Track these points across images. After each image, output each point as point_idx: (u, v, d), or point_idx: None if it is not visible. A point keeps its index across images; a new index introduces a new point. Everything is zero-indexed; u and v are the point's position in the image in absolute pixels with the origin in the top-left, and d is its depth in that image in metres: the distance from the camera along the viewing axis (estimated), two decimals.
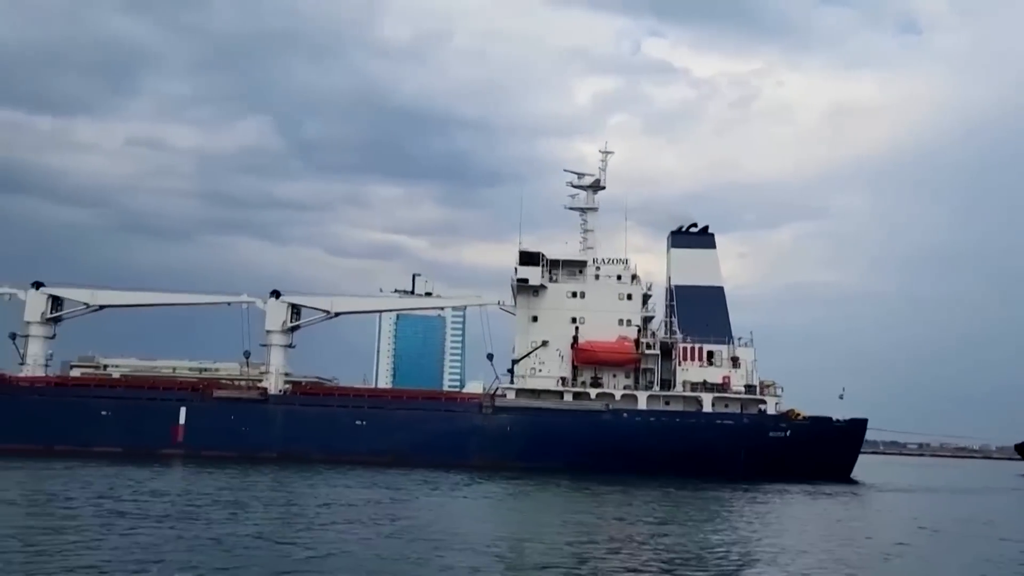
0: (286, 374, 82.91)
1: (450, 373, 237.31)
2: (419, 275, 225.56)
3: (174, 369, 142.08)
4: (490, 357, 79.31)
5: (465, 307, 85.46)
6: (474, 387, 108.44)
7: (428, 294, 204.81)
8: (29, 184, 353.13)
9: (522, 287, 79.14)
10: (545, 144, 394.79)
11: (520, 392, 77.39)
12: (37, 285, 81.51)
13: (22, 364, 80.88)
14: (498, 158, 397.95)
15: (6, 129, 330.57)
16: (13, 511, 37.40)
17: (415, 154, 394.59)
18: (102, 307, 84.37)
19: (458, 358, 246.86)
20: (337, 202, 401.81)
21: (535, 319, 79.47)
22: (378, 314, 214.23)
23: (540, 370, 78.18)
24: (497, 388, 78.01)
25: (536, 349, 78.29)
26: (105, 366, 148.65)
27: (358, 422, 75.81)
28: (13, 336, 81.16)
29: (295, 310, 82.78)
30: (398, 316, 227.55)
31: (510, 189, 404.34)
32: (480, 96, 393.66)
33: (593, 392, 76.69)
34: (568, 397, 76.85)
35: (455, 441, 74.29)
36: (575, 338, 77.95)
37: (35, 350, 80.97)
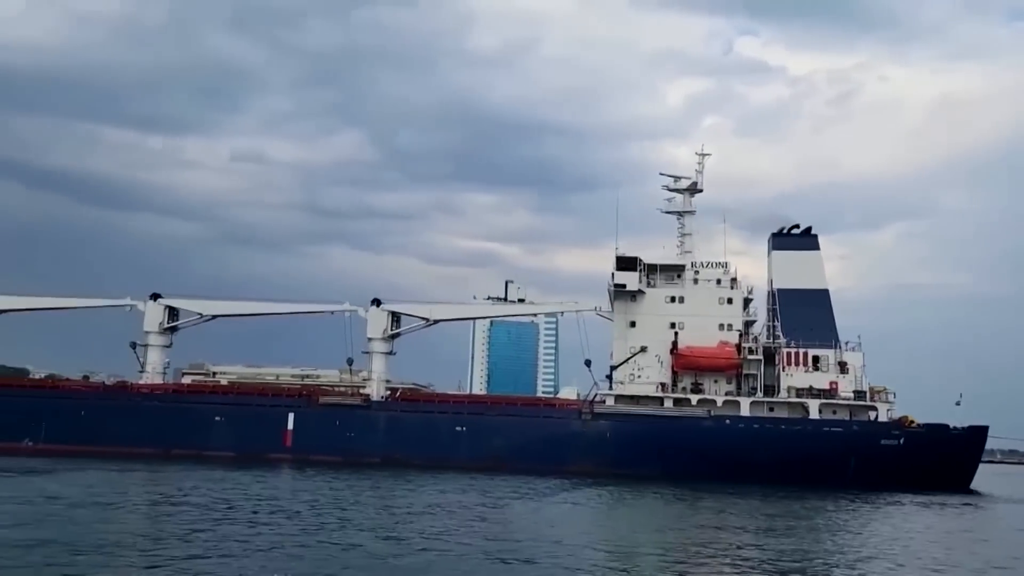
0: (387, 381, 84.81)
1: (543, 379, 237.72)
2: (511, 282, 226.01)
3: (278, 376, 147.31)
4: (588, 363, 79.08)
5: (562, 313, 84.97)
6: (568, 393, 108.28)
7: (520, 300, 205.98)
8: (144, 201, 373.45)
9: (619, 292, 78.61)
10: (636, 148, 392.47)
11: (619, 398, 76.86)
12: (155, 297, 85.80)
13: (142, 372, 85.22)
14: (589, 164, 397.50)
15: (122, 149, 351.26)
16: (163, 511, 39.53)
17: (506, 162, 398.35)
18: (214, 317, 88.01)
19: (551, 364, 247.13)
20: (431, 211, 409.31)
21: (633, 324, 78.80)
22: (472, 321, 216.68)
23: (639, 376, 77.43)
24: (596, 394, 77.67)
25: (635, 355, 77.58)
26: (214, 373, 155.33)
27: (458, 428, 76.75)
28: (134, 345, 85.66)
29: (395, 318, 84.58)
30: (492, 323, 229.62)
31: (601, 195, 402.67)
32: (570, 102, 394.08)
33: (694, 398, 75.41)
34: (668, 403, 75.80)
35: (554, 447, 74.30)
36: (674, 343, 76.90)
37: (153, 359, 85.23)
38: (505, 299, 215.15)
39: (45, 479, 53.59)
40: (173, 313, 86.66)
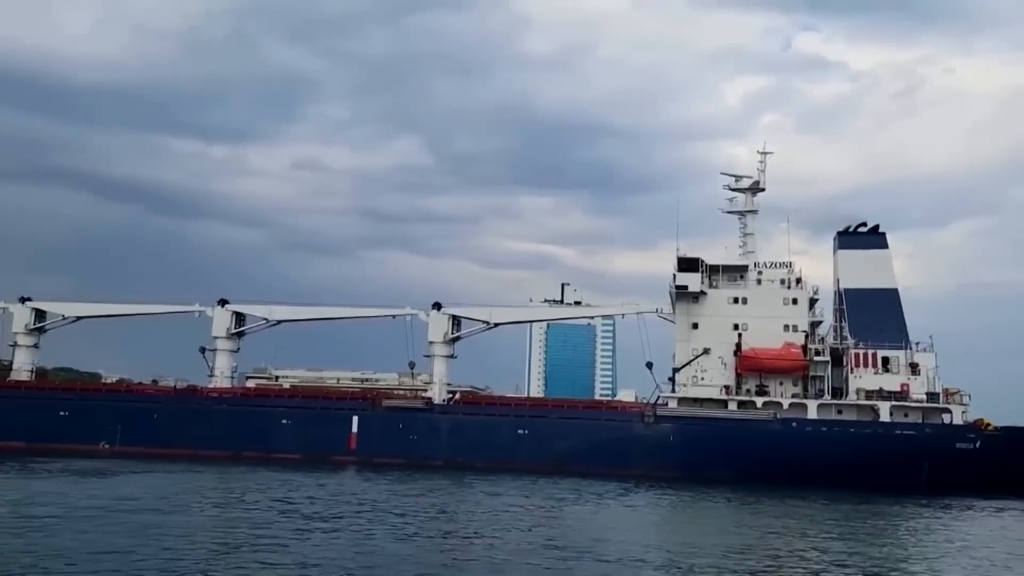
0: (447, 384, 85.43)
1: (601, 382, 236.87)
2: (568, 284, 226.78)
3: (338, 380, 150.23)
4: (649, 366, 78.46)
5: (623, 315, 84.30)
6: (626, 395, 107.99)
7: (577, 303, 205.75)
8: (209, 209, 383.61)
9: (681, 294, 77.86)
10: (693, 149, 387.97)
11: (682, 401, 76.08)
12: (223, 302, 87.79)
13: (211, 376, 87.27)
14: (645, 165, 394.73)
15: (188, 159, 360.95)
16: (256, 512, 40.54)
17: (562, 164, 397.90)
18: (279, 322, 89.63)
19: (609, 367, 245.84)
20: (487, 214, 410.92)
21: (695, 326, 77.94)
22: (529, 324, 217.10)
23: (702, 378, 76.53)
24: (658, 397, 77.05)
25: (697, 357, 76.71)
26: (276, 377, 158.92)
27: (520, 431, 76.89)
28: (203, 350, 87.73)
29: (455, 321, 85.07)
30: (548, 325, 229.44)
31: (657, 196, 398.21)
32: (626, 103, 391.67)
33: (759, 401, 74.21)
34: (732, 406, 74.76)
35: (616, 450, 73.92)
36: (738, 345, 75.82)
37: (222, 363, 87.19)
38: (561, 302, 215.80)
39: (122, 480, 55.38)
40: (240, 318, 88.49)
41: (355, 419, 79.54)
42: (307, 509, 42.04)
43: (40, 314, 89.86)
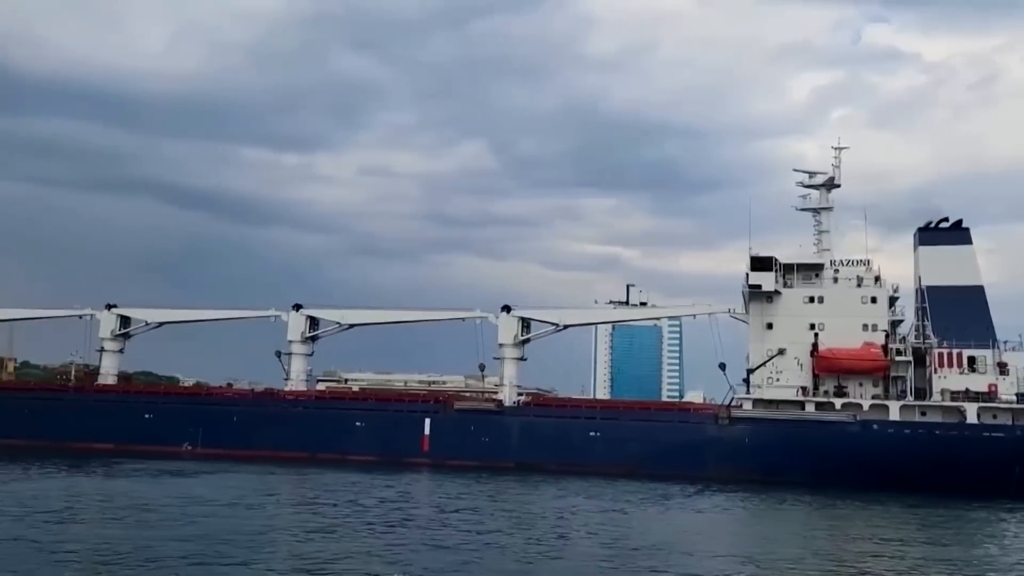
0: (518, 386, 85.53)
1: (668, 383, 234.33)
2: (633, 285, 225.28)
3: (406, 382, 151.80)
4: (722, 367, 77.16)
5: (694, 316, 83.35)
6: (694, 397, 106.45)
7: (642, 304, 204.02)
8: (280, 215, 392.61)
9: (754, 293, 76.47)
10: (759, 146, 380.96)
11: (757, 402, 74.69)
12: (297, 307, 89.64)
13: (286, 380, 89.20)
14: (710, 164, 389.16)
15: (259, 167, 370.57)
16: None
17: (626, 165, 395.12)
18: (352, 326, 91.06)
19: (676, 368, 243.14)
20: (552, 216, 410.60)
21: (770, 326, 76.44)
22: (594, 326, 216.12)
23: (777, 379, 75.03)
24: (732, 398, 75.82)
25: (772, 358, 75.24)
26: (346, 380, 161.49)
27: (592, 433, 76.55)
28: (279, 354, 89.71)
29: (525, 324, 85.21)
30: (614, 327, 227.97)
31: (722, 195, 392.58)
32: (690, 102, 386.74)
33: (838, 402, 72.32)
34: (810, 407, 73.04)
35: (690, 452, 72.96)
36: (815, 345, 74.08)
37: (297, 366, 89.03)
38: (627, 303, 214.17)
39: (210, 479, 57.07)
40: (314, 323, 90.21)
41: (427, 421, 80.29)
42: (379, 510, 42.73)
43: (125, 320, 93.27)
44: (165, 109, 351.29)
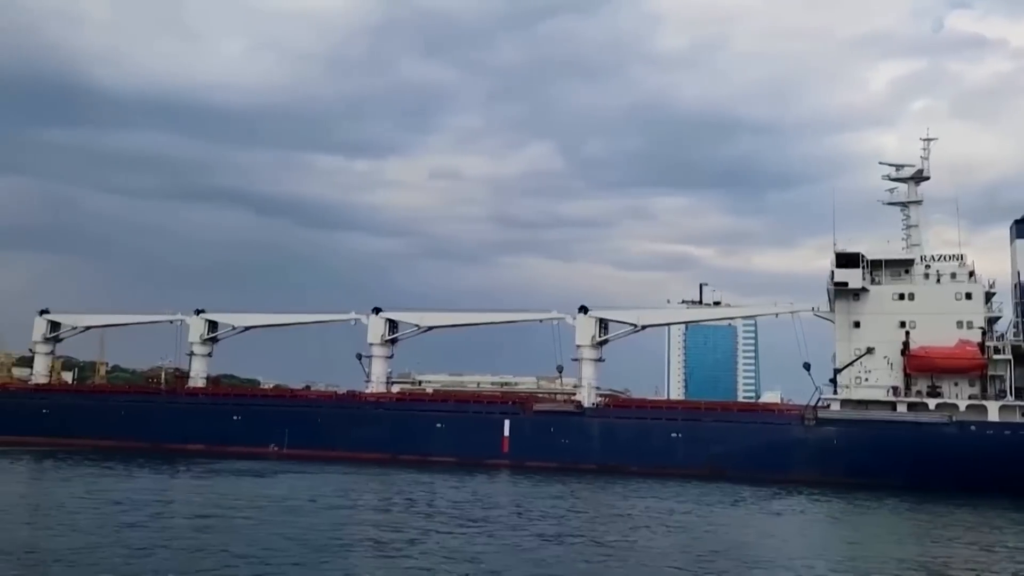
0: (596, 388, 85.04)
1: (744, 383, 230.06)
2: (706, 284, 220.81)
3: (478, 384, 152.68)
4: (807, 367, 75.30)
5: (776, 315, 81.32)
6: (771, 397, 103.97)
7: (716, 303, 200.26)
8: (352, 220, 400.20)
9: (840, 291, 74.34)
10: (836, 140, 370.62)
11: (845, 403, 72.60)
12: (376, 310, 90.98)
13: (367, 382, 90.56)
14: (785, 160, 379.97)
15: (332, 174, 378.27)
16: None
17: (698, 162, 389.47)
18: (430, 328, 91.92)
19: (751, 367, 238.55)
20: (621, 216, 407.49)
21: (857, 325, 74.21)
22: (667, 326, 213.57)
23: (866, 379, 72.82)
24: (819, 399, 73.88)
25: (860, 357, 73.05)
26: (419, 381, 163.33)
27: (673, 434, 75.59)
28: (359, 356, 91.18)
29: (603, 324, 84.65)
30: (687, 327, 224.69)
31: (797, 192, 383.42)
32: (763, 97, 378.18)
33: (931, 402, 69.74)
34: (902, 408, 70.63)
35: (775, 454, 71.40)
36: (905, 344, 71.59)
37: (378, 369, 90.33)
38: (700, 302, 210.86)
39: (303, 479, 58.34)
40: (393, 325, 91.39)
41: (506, 423, 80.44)
42: (457, 511, 42.99)
43: (212, 325, 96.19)
44: (242, 120, 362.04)
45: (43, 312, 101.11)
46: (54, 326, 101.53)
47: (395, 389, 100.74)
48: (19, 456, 72.73)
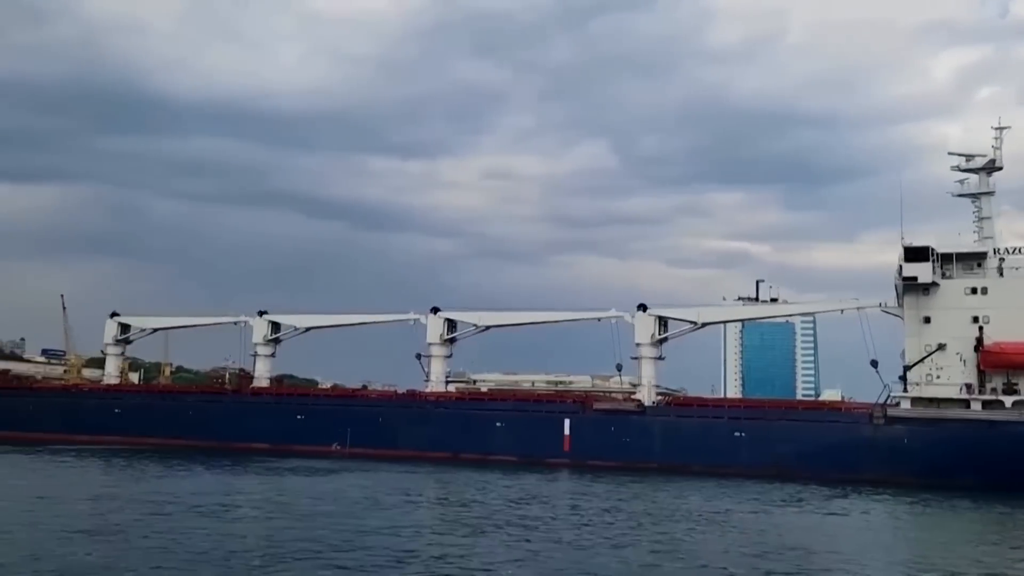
0: (656, 386, 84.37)
1: (803, 381, 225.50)
2: (762, 281, 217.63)
3: (533, 383, 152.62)
4: (874, 364, 73.73)
5: (840, 311, 79.49)
6: (831, 395, 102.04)
7: (773, 300, 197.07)
8: (406, 221, 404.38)
9: (909, 286, 72.39)
10: (897, 131, 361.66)
11: (915, 401, 70.75)
12: (435, 310, 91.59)
13: (427, 381, 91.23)
14: (843, 153, 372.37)
15: (386, 176, 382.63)
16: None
17: (754, 157, 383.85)
18: (488, 327, 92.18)
19: (810, 365, 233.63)
20: (675, 214, 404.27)
21: (927, 320, 72.23)
22: (723, 324, 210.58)
23: (937, 376, 70.84)
24: (888, 397, 72.10)
25: (931, 354, 71.08)
26: (474, 381, 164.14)
27: (737, 433, 74.52)
28: (419, 356, 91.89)
29: (662, 322, 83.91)
30: (744, 324, 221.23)
31: (858, 185, 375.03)
32: (821, 90, 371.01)
33: (1008, 400, 67.55)
34: (976, 406, 68.54)
35: (843, 454, 69.90)
36: (979, 340, 69.42)
37: (437, 368, 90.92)
38: (756, 299, 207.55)
39: (382, 478, 59.05)
40: (451, 325, 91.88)
41: (566, 422, 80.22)
42: (519, 510, 42.98)
43: (275, 326, 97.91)
44: (299, 124, 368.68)
45: (114, 315, 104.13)
46: (124, 328, 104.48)
47: (451, 388, 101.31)
48: (112, 456, 74.68)
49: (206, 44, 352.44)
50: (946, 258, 73.04)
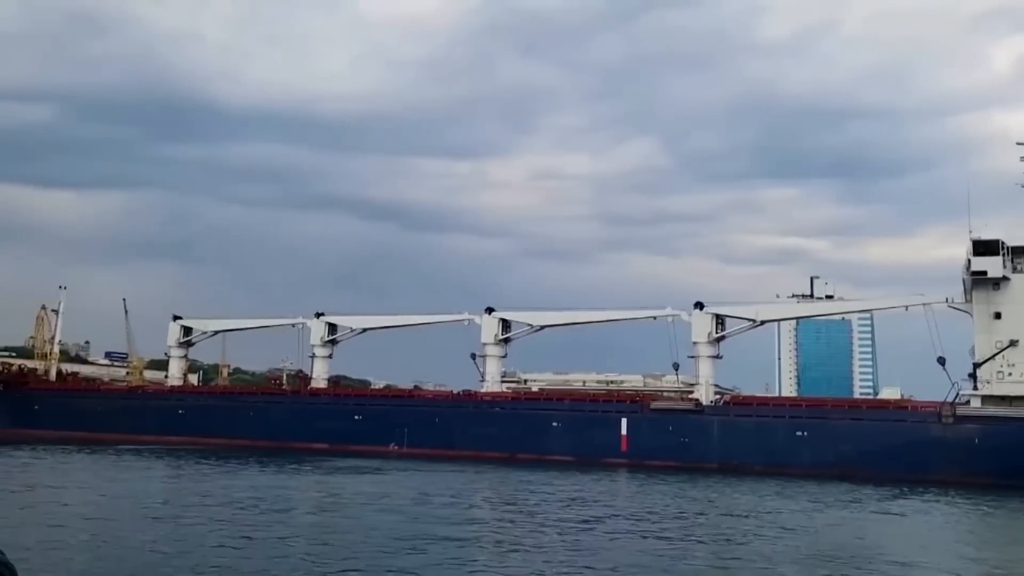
0: (715, 385, 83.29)
1: (861, 379, 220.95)
2: (817, 277, 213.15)
3: (584, 382, 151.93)
4: (941, 361, 71.73)
5: (905, 307, 77.54)
6: (890, 393, 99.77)
7: (829, 297, 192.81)
8: (456, 222, 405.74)
9: (978, 281, 70.27)
10: (957, 122, 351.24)
11: (986, 399, 68.70)
12: (489, 310, 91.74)
13: (482, 381, 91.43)
14: (900, 146, 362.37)
15: (436, 177, 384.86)
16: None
17: (808, 152, 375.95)
18: (542, 327, 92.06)
19: (868, 363, 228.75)
20: (728, 210, 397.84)
21: (998, 316, 70.03)
22: (777, 322, 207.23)
23: (1010, 374, 68.65)
24: (957, 395, 70.12)
25: (1003, 350, 68.90)
26: (525, 380, 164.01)
27: (798, 433, 73.19)
28: (473, 356, 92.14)
29: (719, 320, 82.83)
30: (798, 322, 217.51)
31: (916, 178, 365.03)
32: (876, 82, 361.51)
33: None
34: None
35: (910, 453, 68.14)
36: None
37: (492, 368, 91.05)
38: (811, 296, 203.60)
39: (430, 477, 59.46)
40: (506, 325, 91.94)
41: (624, 421, 79.68)
42: (573, 512, 42.75)
43: (332, 327, 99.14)
44: (350, 128, 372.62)
45: (177, 318, 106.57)
46: (187, 331, 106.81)
47: (505, 388, 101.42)
48: (184, 455, 76.28)
49: (259, 52, 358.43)
50: (1017, 251, 70.70)
